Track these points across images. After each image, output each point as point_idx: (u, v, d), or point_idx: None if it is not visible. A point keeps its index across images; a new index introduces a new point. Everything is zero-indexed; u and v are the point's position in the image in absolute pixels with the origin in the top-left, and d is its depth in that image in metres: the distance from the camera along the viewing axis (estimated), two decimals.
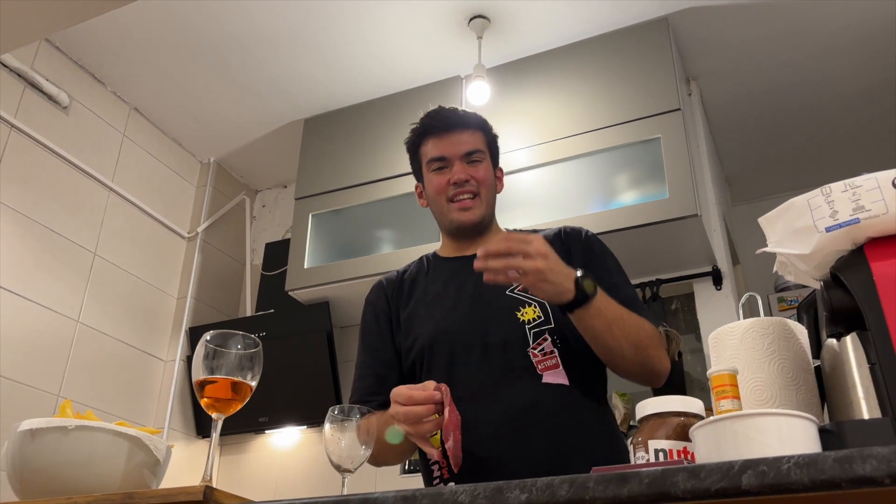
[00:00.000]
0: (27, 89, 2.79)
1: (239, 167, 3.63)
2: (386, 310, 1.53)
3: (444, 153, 1.49)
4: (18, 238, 2.65)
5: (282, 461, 3.04)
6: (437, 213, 1.54)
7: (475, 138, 1.51)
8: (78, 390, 2.72)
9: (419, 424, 1.16)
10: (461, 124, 1.50)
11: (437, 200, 1.50)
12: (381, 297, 1.55)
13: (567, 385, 1.34)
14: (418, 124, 1.54)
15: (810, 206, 0.93)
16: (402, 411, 1.17)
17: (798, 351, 0.99)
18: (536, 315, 1.37)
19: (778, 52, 2.89)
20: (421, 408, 1.16)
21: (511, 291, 1.41)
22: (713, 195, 2.79)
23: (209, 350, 1.04)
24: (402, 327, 1.49)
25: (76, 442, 1.04)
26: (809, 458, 0.61)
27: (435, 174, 1.50)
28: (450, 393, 1.17)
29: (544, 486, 0.69)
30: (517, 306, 1.39)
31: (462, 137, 1.49)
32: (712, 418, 0.77)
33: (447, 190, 1.47)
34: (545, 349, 1.35)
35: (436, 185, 1.49)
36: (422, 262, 1.59)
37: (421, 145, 1.54)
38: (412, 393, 1.17)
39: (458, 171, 1.46)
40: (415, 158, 1.57)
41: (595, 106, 2.68)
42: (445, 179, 1.47)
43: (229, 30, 2.83)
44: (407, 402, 1.17)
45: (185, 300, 3.23)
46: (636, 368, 1.35)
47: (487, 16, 2.75)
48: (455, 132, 1.49)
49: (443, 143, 1.49)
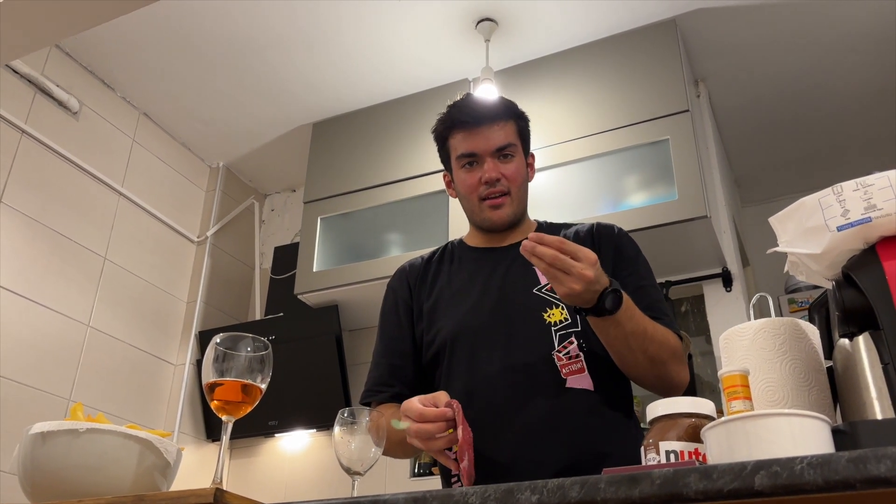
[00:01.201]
0: (38, 95, 2.81)
1: (248, 171, 3.64)
2: (407, 299, 1.48)
3: (474, 149, 1.41)
4: (29, 242, 2.66)
5: (292, 464, 3.04)
6: (468, 210, 1.48)
7: (506, 131, 1.43)
8: (89, 394, 2.73)
9: (431, 441, 1.14)
10: (491, 117, 1.43)
11: (469, 198, 1.44)
12: (404, 284, 1.50)
13: (592, 391, 1.30)
14: (445, 114, 1.47)
15: (821, 205, 0.92)
16: (413, 428, 1.15)
17: (810, 351, 0.98)
18: (563, 317, 1.33)
19: (787, 53, 2.88)
20: (432, 425, 1.14)
21: (538, 290, 1.36)
22: (722, 196, 2.77)
23: (219, 353, 1.04)
24: (423, 318, 1.44)
25: (87, 445, 1.04)
26: (823, 459, 0.61)
27: (465, 171, 1.43)
28: (461, 410, 1.15)
29: (555, 488, 0.69)
30: (544, 307, 1.34)
31: (492, 131, 1.41)
32: (724, 419, 0.76)
33: (478, 189, 1.41)
34: (570, 353, 1.30)
35: (467, 183, 1.43)
36: (447, 249, 1.53)
37: (449, 137, 1.46)
38: (423, 411, 1.15)
39: (490, 170, 1.40)
40: (442, 148, 1.50)
41: (603, 108, 2.67)
42: (476, 178, 1.41)
43: (238, 35, 2.84)
44: (418, 420, 1.15)
45: (195, 304, 3.24)
46: (651, 381, 1.31)
47: (495, 18, 2.75)
48: (484, 126, 1.41)
49: (472, 138, 1.41)
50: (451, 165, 1.48)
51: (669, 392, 1.32)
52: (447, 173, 1.52)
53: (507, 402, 1.29)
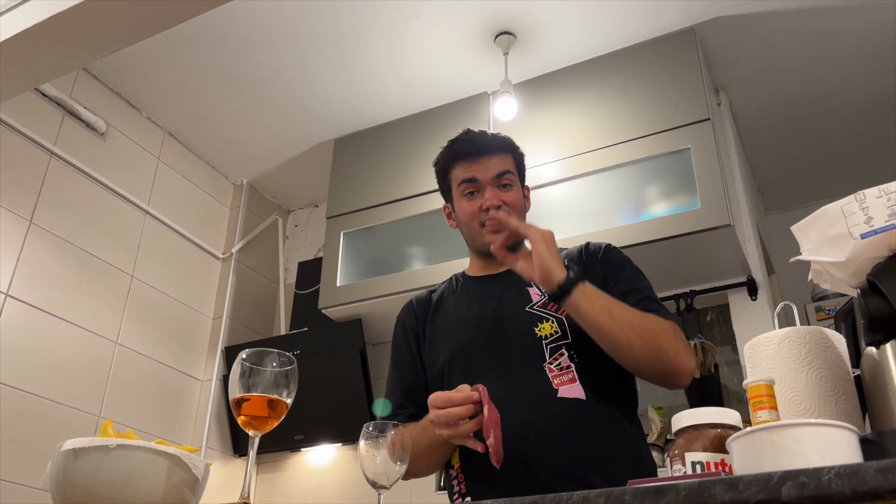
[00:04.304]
0: (66, 117, 2.87)
1: (271, 188, 3.68)
2: (414, 327, 1.57)
3: (475, 175, 1.50)
4: (59, 262, 2.71)
5: (318, 479, 3.05)
6: (468, 237, 1.55)
7: (504, 161, 1.52)
8: (118, 410, 2.76)
9: (458, 426, 1.20)
10: (490, 148, 1.52)
11: (470, 225, 1.51)
12: (411, 314, 1.60)
13: (584, 400, 1.33)
14: (447, 148, 1.57)
15: (844, 212, 0.91)
16: (441, 414, 1.21)
17: (836, 360, 0.97)
18: (553, 330, 1.39)
19: (806, 58, 2.86)
20: (460, 409, 1.20)
21: (530, 308, 1.43)
22: (745, 204, 2.75)
23: (245, 368, 1.05)
24: (427, 343, 1.54)
25: (117, 461, 1.06)
26: (851, 469, 0.60)
27: (466, 199, 1.51)
28: (487, 392, 1.20)
29: (580, 500, 0.69)
30: (535, 322, 1.41)
31: (491, 162, 1.50)
32: (749, 429, 0.76)
33: (479, 215, 1.48)
34: (562, 364, 1.35)
35: (468, 210, 1.50)
36: (451, 282, 1.63)
37: (451, 169, 1.55)
38: (450, 395, 1.21)
39: (490, 197, 1.47)
40: (444, 181, 1.59)
41: (624, 118, 2.67)
42: (477, 205, 1.48)
43: (259, 54, 2.88)
44: (446, 405, 1.21)
45: (221, 320, 3.27)
46: (650, 362, 1.31)
47: (513, 32, 2.76)
48: (485, 157, 1.50)
49: (473, 168, 1.50)
50: (452, 196, 1.55)
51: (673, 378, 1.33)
52: (447, 205, 1.60)
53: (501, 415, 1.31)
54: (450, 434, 1.22)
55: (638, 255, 2.46)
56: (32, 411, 2.49)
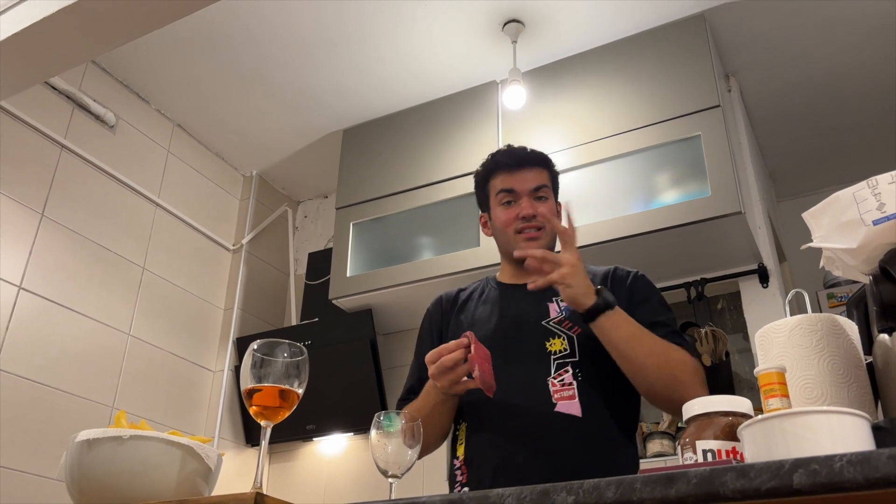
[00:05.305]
0: (76, 110, 2.88)
1: (281, 179, 3.69)
2: (439, 322, 1.64)
3: (513, 186, 1.58)
4: (71, 254, 2.73)
5: (330, 468, 3.06)
6: (503, 243, 1.62)
7: (541, 175, 1.60)
8: (131, 401, 2.79)
9: (453, 372, 1.32)
10: (529, 162, 1.60)
11: (505, 232, 1.58)
12: (438, 310, 1.67)
13: (579, 417, 1.38)
14: (489, 159, 1.65)
15: (856, 199, 0.91)
16: (438, 363, 1.32)
17: (848, 347, 0.97)
18: (563, 347, 1.45)
19: (817, 43, 2.84)
20: (453, 354, 1.32)
21: (546, 322, 1.49)
22: (757, 191, 2.74)
23: (257, 359, 1.06)
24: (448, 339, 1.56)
25: (131, 451, 1.07)
26: (863, 456, 0.60)
27: (503, 208, 1.59)
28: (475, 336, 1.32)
29: (591, 488, 0.69)
30: (548, 337, 1.47)
31: (530, 174, 1.58)
32: (760, 417, 0.76)
33: (515, 223, 1.56)
34: (565, 380, 1.42)
35: (504, 218, 1.58)
36: (481, 283, 1.68)
37: (490, 179, 1.63)
38: (441, 347, 1.34)
39: (526, 207, 1.55)
40: (482, 190, 1.66)
41: (633, 105, 2.66)
42: (514, 213, 1.56)
43: (267, 45, 2.88)
44: (437, 356, 1.33)
45: (232, 311, 3.29)
46: (663, 391, 1.36)
47: (521, 20, 2.75)
48: (524, 169, 1.59)
49: (512, 179, 1.58)
50: (490, 205, 1.63)
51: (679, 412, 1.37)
52: (483, 214, 1.68)
53: (501, 419, 1.42)
54: (450, 381, 1.33)
55: (648, 244, 2.47)
56: (47, 402, 2.51)
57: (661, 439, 2.38)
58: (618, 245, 2.47)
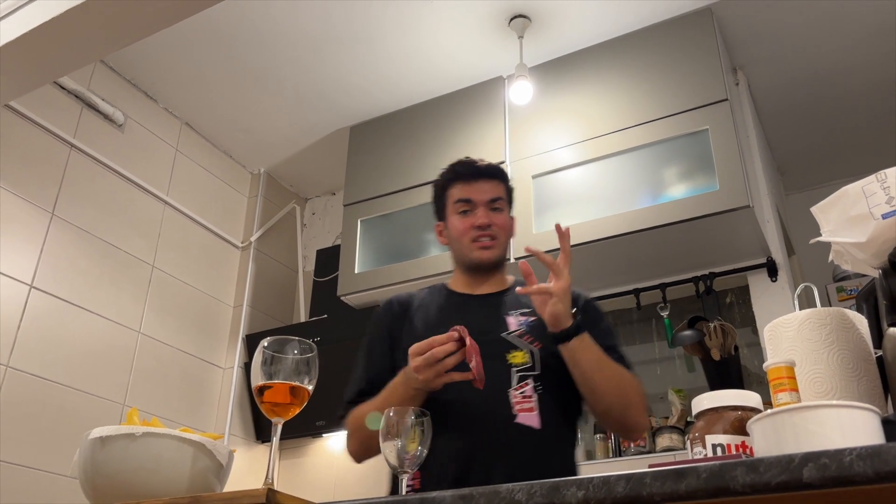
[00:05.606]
0: (84, 110, 2.89)
1: (288, 176, 3.69)
2: (390, 326, 1.63)
3: (470, 196, 1.63)
4: (81, 253, 2.74)
5: (340, 464, 3.07)
6: (457, 251, 1.66)
7: (498, 188, 1.65)
8: (142, 398, 2.80)
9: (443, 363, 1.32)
10: (486, 174, 1.66)
11: (461, 240, 1.62)
12: (389, 314, 1.65)
13: (538, 429, 1.43)
14: (448, 169, 1.70)
15: (865, 192, 0.91)
16: (429, 355, 1.32)
17: (858, 341, 0.97)
18: (525, 360, 1.49)
19: (825, 36, 2.82)
20: (444, 346, 1.32)
21: (506, 335, 1.52)
22: (765, 185, 2.73)
23: (267, 356, 1.06)
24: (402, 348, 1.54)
25: (143, 448, 1.08)
26: (873, 450, 0.60)
27: (459, 217, 1.63)
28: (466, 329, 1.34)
29: (601, 483, 0.70)
30: (508, 349, 1.50)
31: (486, 186, 1.64)
32: (770, 411, 0.76)
33: (470, 232, 1.61)
34: (525, 392, 1.46)
35: (460, 227, 1.62)
36: (433, 290, 1.69)
37: (448, 188, 1.67)
38: (432, 339, 1.33)
39: (482, 216, 1.60)
40: (440, 199, 1.70)
41: (641, 100, 2.65)
42: (470, 222, 1.61)
43: (273, 42, 2.88)
44: (431, 346, 1.33)
45: (241, 308, 3.30)
46: (618, 413, 1.47)
47: (528, 15, 2.74)
48: (481, 181, 1.64)
49: (469, 189, 1.64)
50: (446, 214, 1.67)
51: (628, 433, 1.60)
52: (440, 223, 1.71)
53: (461, 427, 1.43)
54: (435, 372, 1.32)
55: (657, 238, 2.47)
56: (59, 400, 2.53)
57: (670, 434, 2.38)
58: (626, 240, 2.47)
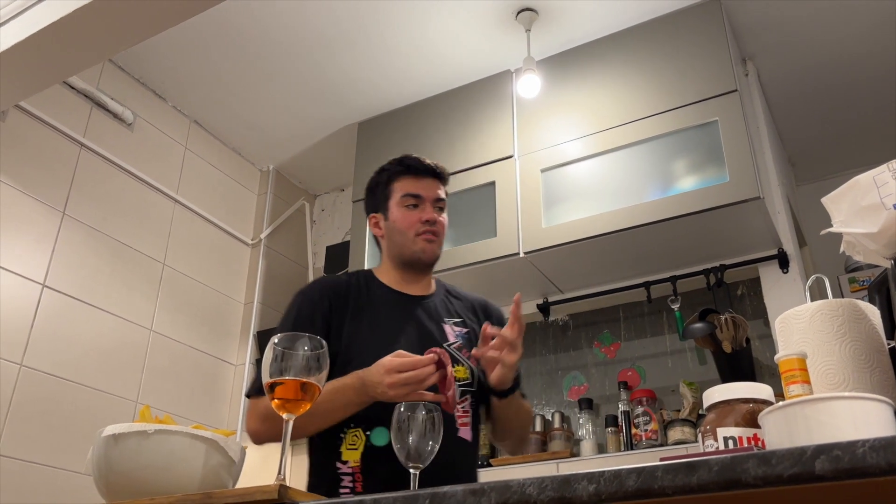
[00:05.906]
0: (94, 109, 2.91)
1: (297, 173, 3.70)
2: (326, 314, 1.55)
3: (420, 192, 1.66)
4: (92, 252, 2.76)
5: None
6: (398, 244, 1.65)
7: (442, 189, 1.71)
8: (154, 396, 2.82)
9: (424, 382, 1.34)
10: (435, 173, 1.70)
11: (406, 233, 1.63)
12: (325, 299, 1.58)
13: (470, 441, 1.53)
14: (396, 162, 1.73)
15: (876, 182, 0.90)
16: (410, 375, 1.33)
17: (870, 332, 0.96)
18: (466, 376, 1.56)
19: (834, 26, 2.80)
20: (428, 369, 1.34)
21: (447, 346, 1.55)
22: (776, 176, 2.71)
23: (278, 353, 1.06)
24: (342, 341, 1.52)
25: (156, 445, 1.08)
26: (886, 442, 0.60)
27: (406, 210, 1.65)
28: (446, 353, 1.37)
29: (612, 477, 0.69)
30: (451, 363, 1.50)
31: (434, 184, 1.68)
32: (782, 403, 0.75)
33: (417, 226, 1.63)
34: (465, 407, 1.53)
35: (408, 220, 1.64)
36: (361, 278, 1.66)
37: (395, 181, 1.69)
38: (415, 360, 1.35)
39: (430, 212, 1.64)
40: (383, 192, 1.70)
41: (649, 92, 2.64)
42: (417, 217, 1.63)
43: (281, 39, 2.89)
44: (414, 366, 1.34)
45: (252, 305, 3.31)
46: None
47: (535, 8, 2.73)
48: (429, 178, 1.68)
49: (419, 185, 1.67)
50: (389, 206, 1.68)
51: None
52: (375, 215, 1.72)
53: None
54: (409, 391, 1.33)
55: (667, 231, 2.46)
56: (72, 398, 2.55)
57: (682, 426, 2.37)
58: (636, 233, 2.46)
